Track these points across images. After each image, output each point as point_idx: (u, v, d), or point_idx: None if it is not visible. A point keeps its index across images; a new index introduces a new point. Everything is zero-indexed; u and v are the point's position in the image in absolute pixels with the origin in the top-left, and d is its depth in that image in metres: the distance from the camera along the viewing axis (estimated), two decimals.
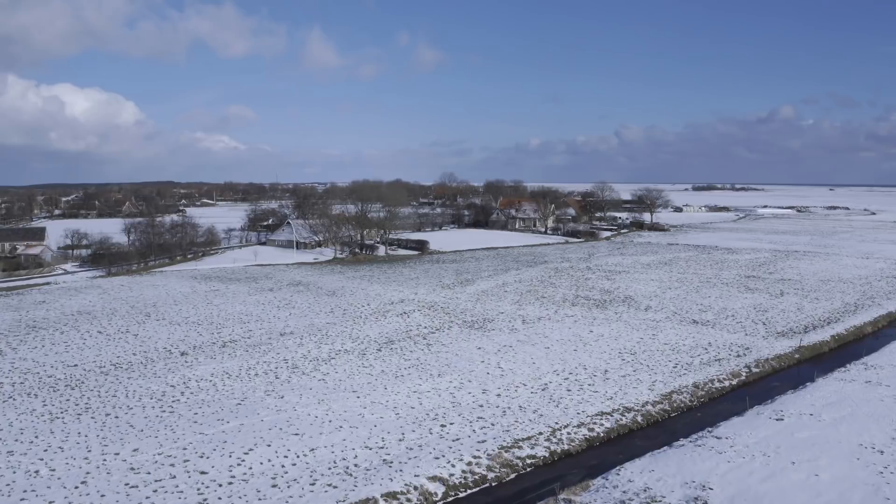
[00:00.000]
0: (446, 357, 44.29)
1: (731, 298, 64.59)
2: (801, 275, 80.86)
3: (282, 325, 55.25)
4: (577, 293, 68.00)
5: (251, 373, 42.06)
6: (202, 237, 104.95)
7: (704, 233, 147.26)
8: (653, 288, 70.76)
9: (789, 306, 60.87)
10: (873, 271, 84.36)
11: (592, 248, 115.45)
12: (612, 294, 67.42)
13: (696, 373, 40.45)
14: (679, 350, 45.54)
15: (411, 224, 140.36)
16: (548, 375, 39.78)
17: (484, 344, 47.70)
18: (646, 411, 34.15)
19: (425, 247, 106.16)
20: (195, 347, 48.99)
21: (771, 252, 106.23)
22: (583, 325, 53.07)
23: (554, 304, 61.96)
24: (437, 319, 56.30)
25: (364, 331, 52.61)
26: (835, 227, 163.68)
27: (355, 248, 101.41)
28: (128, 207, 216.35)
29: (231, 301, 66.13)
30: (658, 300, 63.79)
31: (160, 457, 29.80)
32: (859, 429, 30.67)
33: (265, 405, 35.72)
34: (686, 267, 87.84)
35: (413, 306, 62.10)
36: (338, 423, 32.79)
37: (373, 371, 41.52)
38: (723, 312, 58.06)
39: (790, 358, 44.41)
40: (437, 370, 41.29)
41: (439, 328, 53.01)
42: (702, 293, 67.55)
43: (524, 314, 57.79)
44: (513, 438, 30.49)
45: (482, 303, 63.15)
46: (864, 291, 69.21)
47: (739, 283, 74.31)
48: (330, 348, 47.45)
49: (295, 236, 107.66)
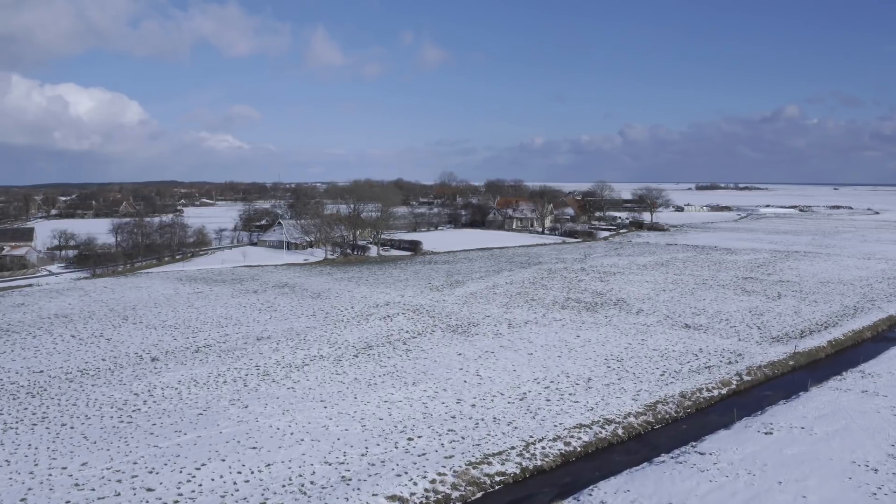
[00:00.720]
0: (424, 364, 42.57)
1: (727, 301, 62.63)
2: (801, 276, 78.78)
3: (260, 329, 53.64)
4: (568, 295, 66.15)
5: (220, 380, 40.41)
6: (192, 238, 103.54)
7: (704, 233, 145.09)
8: (646, 290, 68.84)
9: (786, 309, 58.86)
10: (874, 272, 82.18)
11: (589, 248, 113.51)
12: (604, 296, 65.54)
13: (684, 381, 38.59)
14: (668, 356, 43.67)
15: (406, 224, 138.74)
16: (528, 384, 38.00)
17: (465, 349, 45.95)
18: (627, 423, 32.33)
19: (418, 247, 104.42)
20: (167, 353, 47.41)
21: (771, 252, 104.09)
22: (570, 330, 51.25)
23: (543, 308, 60.15)
24: (421, 323, 54.58)
25: (344, 335, 50.92)
26: (837, 226, 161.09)
27: (346, 248, 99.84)
28: (125, 207, 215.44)
29: (213, 304, 64.56)
30: (651, 303, 61.88)
31: (108, 472, 28.14)
32: (853, 444, 28.79)
33: (227, 416, 34.06)
34: (683, 268, 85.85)
35: (398, 309, 60.39)
36: (300, 435, 31.11)
37: (345, 379, 39.81)
38: (717, 316, 56.14)
39: (784, 365, 42.49)
40: (413, 378, 39.56)
41: (422, 332, 51.28)
42: (696, 295, 65.59)
43: (511, 318, 56.02)
44: (483, 453, 28.73)
45: (469, 306, 61.39)
46: (865, 294, 67.10)
47: (736, 284, 72.31)
48: (305, 354, 45.79)
49: (286, 237, 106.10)
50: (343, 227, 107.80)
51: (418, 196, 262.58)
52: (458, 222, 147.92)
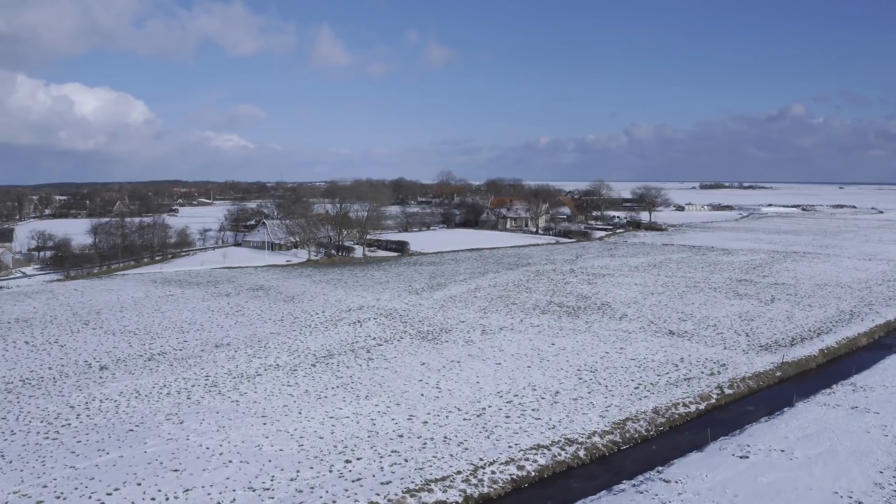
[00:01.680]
0: (383, 375, 39.91)
1: (717, 305, 59.66)
2: (797, 278, 75.63)
3: (221, 336, 51.09)
4: (550, 299, 63.34)
5: (163, 392, 37.89)
6: (173, 238, 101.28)
7: (703, 232, 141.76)
8: (634, 293, 65.92)
9: (778, 314, 55.83)
10: (874, 274, 78.92)
11: (582, 248, 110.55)
12: (589, 300, 62.68)
13: (660, 395, 35.77)
14: (646, 367, 40.85)
15: (398, 224, 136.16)
16: (489, 398, 35.29)
17: (431, 359, 43.23)
18: (591, 444, 29.59)
19: (405, 248, 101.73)
20: (118, 361, 44.92)
21: (769, 253, 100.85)
22: (546, 337, 48.45)
23: (522, 312, 57.36)
24: (391, 329, 51.95)
25: (307, 342, 48.33)
26: (839, 226, 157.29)
27: (330, 249, 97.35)
28: (119, 207, 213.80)
29: (181, 307, 62.14)
30: (636, 307, 58.98)
31: (14, 496, 25.62)
32: (837, 470, 25.94)
33: (158, 432, 31.52)
34: (675, 270, 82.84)
35: (370, 314, 57.75)
36: (229, 455, 28.50)
37: (295, 391, 37.21)
38: (704, 322, 53.20)
39: (770, 376, 39.56)
40: (367, 390, 36.90)
41: (389, 339, 48.63)
42: (685, 299, 62.63)
43: (486, 323, 53.29)
44: (424, 479, 26.03)
45: (445, 310, 58.67)
46: (863, 297, 63.94)
47: (729, 287, 69.28)
48: (261, 363, 43.20)
49: (270, 237, 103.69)
50: (329, 228, 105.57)
51: (417, 195, 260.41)
52: (451, 222, 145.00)
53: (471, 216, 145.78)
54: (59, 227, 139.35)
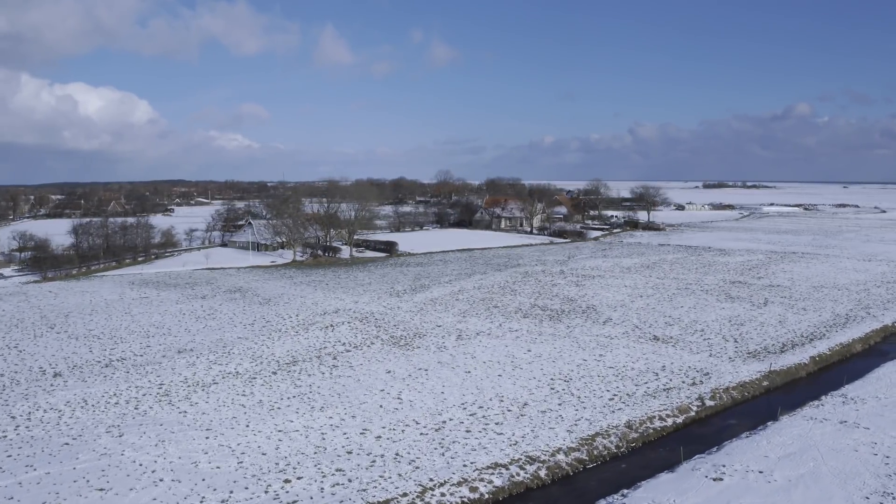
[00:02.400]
0: (344, 384, 37.80)
1: (706, 309, 57.33)
2: (793, 280, 73.19)
3: (187, 340, 49.12)
4: (535, 302, 61.10)
5: (111, 402, 35.86)
6: (157, 239, 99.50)
7: (702, 232, 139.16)
8: (622, 296, 63.63)
9: (770, 319, 53.45)
10: (874, 275, 76.35)
11: (576, 249, 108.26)
12: (575, 303, 60.45)
13: (636, 407, 33.54)
14: (624, 376, 38.63)
15: (389, 224, 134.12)
16: (451, 410, 33.14)
17: (398, 366, 41.12)
18: (554, 462, 27.43)
19: (393, 248, 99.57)
20: (74, 367, 42.96)
21: (766, 254, 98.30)
22: (523, 343, 46.22)
23: (503, 316, 55.16)
24: (363, 334, 49.87)
25: (273, 348, 46.30)
26: (840, 225, 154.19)
27: (316, 250, 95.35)
28: (113, 207, 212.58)
29: (152, 310, 60.22)
30: (622, 311, 56.72)
31: None
32: (819, 495, 23.65)
33: (94, 447, 29.47)
34: (668, 271, 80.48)
35: (345, 317, 55.68)
36: (162, 473, 26.45)
37: (249, 401, 35.15)
38: (691, 326, 50.90)
39: (756, 386, 37.26)
40: (323, 401, 34.81)
41: (359, 345, 46.55)
42: (675, 302, 60.29)
43: (463, 328, 51.13)
44: (365, 502, 23.99)
45: (424, 314, 56.55)
46: (860, 300, 61.47)
47: (721, 289, 66.88)
48: (220, 370, 41.17)
49: (256, 237, 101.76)
50: (317, 228, 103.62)
51: (415, 195, 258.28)
52: (444, 222, 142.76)
53: (465, 216, 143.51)
54: (50, 227, 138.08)
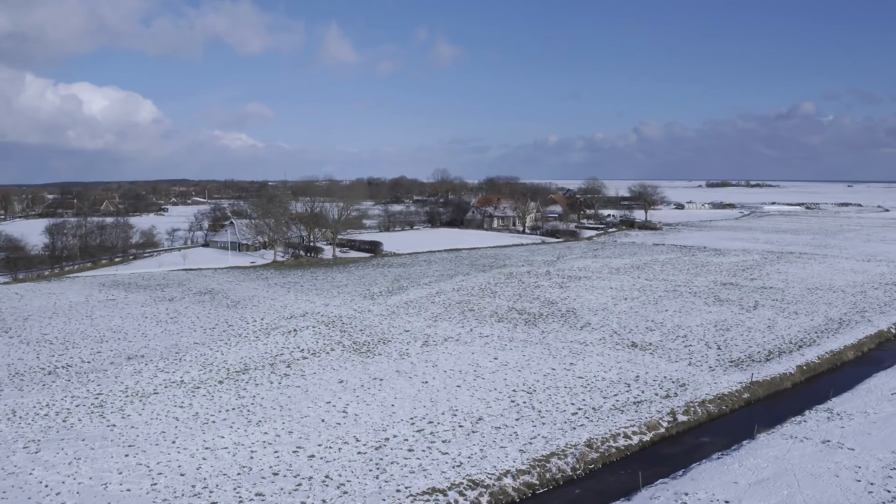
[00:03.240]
0: (291, 395, 35.21)
1: (692, 313, 54.45)
2: (787, 281, 70.19)
3: (140, 346, 46.62)
4: (513, 305, 58.37)
5: (40, 413, 33.34)
6: (136, 239, 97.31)
7: (699, 231, 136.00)
8: (605, 298, 60.85)
9: (758, 324, 50.58)
10: (871, 277, 73.21)
11: (567, 248, 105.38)
12: (555, 306, 57.70)
13: (600, 423, 30.82)
14: (593, 387, 35.89)
15: (379, 224, 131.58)
16: (398, 425, 30.55)
17: (353, 375, 38.47)
18: (499, 487, 24.77)
19: (378, 249, 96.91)
20: (16, 375, 40.51)
21: (763, 254, 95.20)
22: (491, 350, 43.42)
23: (476, 320, 52.43)
24: (326, 340, 47.29)
25: (227, 355, 43.70)
26: (842, 225, 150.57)
27: (298, 250, 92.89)
28: (106, 206, 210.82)
29: (114, 314, 57.80)
30: (603, 315, 53.94)
31: None
32: None
33: (4, 465, 26.71)
34: (658, 272, 77.58)
35: (312, 322, 53.12)
36: (67, 496, 23.69)
37: (185, 414, 32.63)
38: (674, 332, 48.06)
39: (736, 399, 34.43)
40: (263, 414, 32.24)
41: (318, 352, 43.96)
42: (660, 305, 57.43)
43: (432, 333, 48.46)
44: None
45: (394, 318, 53.92)
46: (856, 303, 58.46)
47: (711, 292, 63.97)
48: (165, 379, 38.68)
49: (237, 237, 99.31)
50: (302, 227, 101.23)
51: (413, 194, 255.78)
52: (436, 221, 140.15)
53: (457, 215, 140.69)
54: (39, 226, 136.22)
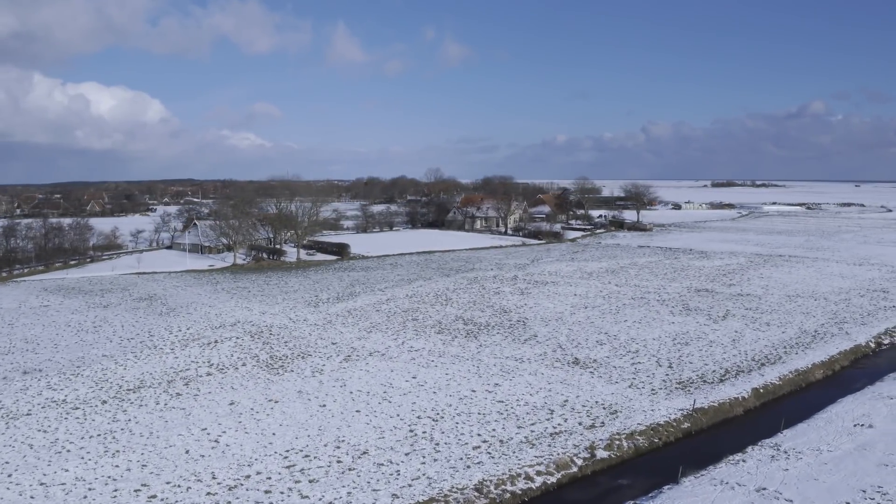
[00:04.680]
0: (169, 418, 31.11)
1: (653, 324, 49.90)
2: (768, 287, 65.47)
3: (45, 358, 42.68)
4: (462, 314, 53.98)
5: None
6: (96, 241, 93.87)
7: (690, 233, 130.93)
8: (564, 307, 56.40)
9: (723, 337, 46.04)
10: (860, 282, 68.27)
11: (546, 251, 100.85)
12: (506, 316, 53.33)
13: (503, 460, 26.50)
14: (510, 414, 31.58)
15: (356, 225, 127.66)
16: (268, 459, 26.40)
17: (248, 396, 34.16)
18: None
19: (345, 251, 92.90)
20: None
21: (750, 256, 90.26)
22: (414, 367, 38.84)
23: (414, 332, 48.07)
24: (242, 353, 43.22)
25: (128, 370, 39.67)
26: (840, 225, 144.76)
27: (259, 253, 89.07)
28: (92, 206, 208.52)
29: (39, 322, 53.90)
30: (555, 326, 49.49)
31: None
32: None
33: None
34: (632, 277, 72.95)
35: (238, 332, 49.01)
36: None
37: (43, 440, 28.32)
38: (626, 346, 43.52)
39: (673, 430, 30.02)
40: (126, 442, 28.14)
41: (226, 367, 39.91)
42: (620, 315, 52.95)
43: (359, 347, 44.26)
44: None
45: (328, 329, 49.74)
46: (836, 313, 53.68)
47: (681, 300, 59.31)
48: (49, 397, 34.54)
49: (200, 239, 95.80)
50: (269, 229, 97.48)
51: (407, 194, 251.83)
52: (416, 222, 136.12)
53: (440, 216, 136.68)
54: None
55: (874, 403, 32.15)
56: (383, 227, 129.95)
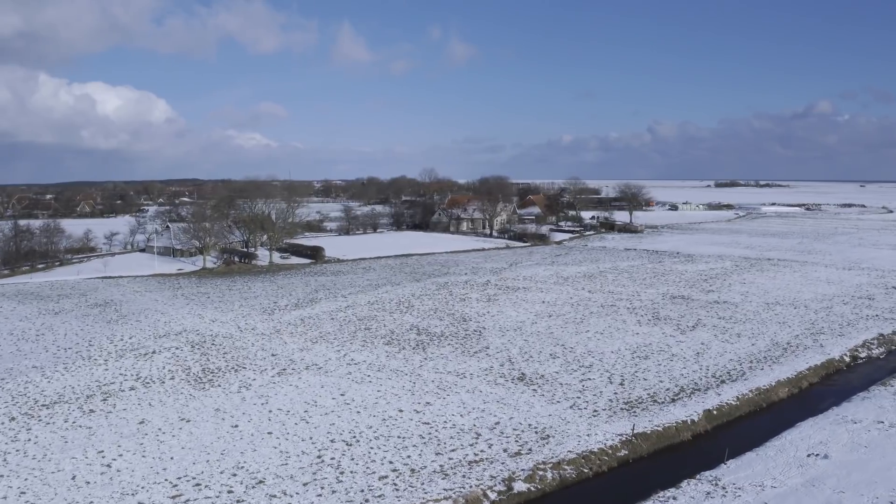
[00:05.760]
0: (71, 438, 28.59)
1: (615, 335, 47.24)
2: (748, 294, 62.72)
3: None
4: (418, 323, 51.45)
5: None
6: (67, 243, 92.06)
7: (682, 234, 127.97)
8: (527, 315, 53.82)
9: (686, 350, 43.34)
10: (846, 288, 65.39)
11: (528, 254, 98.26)
12: (465, 325, 50.77)
13: (407, 494, 23.86)
14: (432, 438, 29.15)
15: (339, 227, 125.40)
16: (156, 488, 23.78)
17: (160, 415, 31.62)
18: None
19: (319, 254, 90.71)
20: None
21: (736, 260, 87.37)
22: (348, 382, 36.15)
23: (361, 343, 45.38)
24: (176, 365, 40.93)
25: (53, 383, 37.30)
26: (837, 227, 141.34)
27: (232, 256, 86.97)
28: (83, 207, 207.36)
29: None
30: (512, 336, 46.92)
31: None
32: None
33: None
34: (609, 282, 70.26)
35: (180, 342, 46.67)
36: None
37: None
38: (579, 361, 40.90)
39: (607, 459, 27.45)
40: (16, 465, 25.64)
41: (153, 381, 37.62)
42: (583, 325, 50.35)
43: (298, 359, 41.81)
44: None
45: (273, 338, 47.28)
46: (814, 322, 50.92)
47: (653, 307, 56.64)
48: None
49: (173, 242, 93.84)
50: (243, 231, 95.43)
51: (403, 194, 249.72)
52: (401, 224, 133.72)
53: (426, 217, 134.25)
54: None
55: (835, 429, 29.55)
56: (367, 228, 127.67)
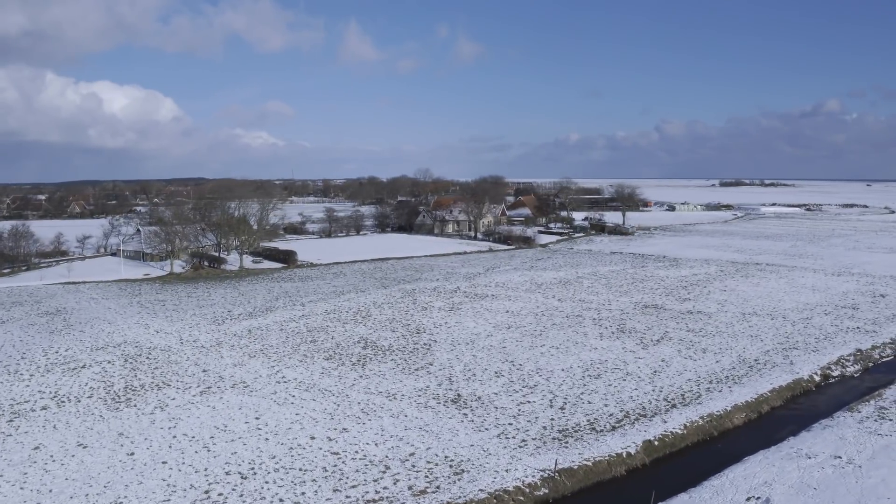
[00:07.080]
0: None
1: (572, 350, 44.35)
2: (725, 303, 59.69)
3: None
4: (369, 335, 48.74)
5: None
6: (47, 247, 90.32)
7: (672, 237, 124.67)
8: (485, 327, 51.03)
9: (643, 368, 40.60)
10: (831, 297, 62.28)
11: (509, 258, 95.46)
12: (417, 337, 48.13)
13: None
14: (337, 470, 26.33)
15: (321, 230, 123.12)
16: None
17: (57, 441, 28.99)
18: None
19: (291, 258, 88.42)
20: None
21: (723, 265, 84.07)
22: (265, 404, 33.63)
23: (300, 357, 42.62)
24: (99, 382, 38.35)
25: None
26: (834, 229, 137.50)
27: (201, 260, 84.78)
28: (73, 208, 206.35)
29: None
30: (460, 351, 44.14)
31: None
32: None
33: None
34: (583, 289, 67.37)
35: (114, 355, 44.27)
36: None
37: None
38: (524, 380, 37.93)
39: (523, 500, 24.37)
40: None
41: (70, 400, 35.18)
42: (541, 338, 47.46)
43: (228, 375, 39.35)
44: None
45: (209, 352, 44.62)
46: (789, 335, 47.93)
47: (621, 318, 53.77)
48: None
49: (143, 246, 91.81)
50: (217, 234, 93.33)
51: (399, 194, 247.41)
52: (385, 226, 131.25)
53: (410, 219, 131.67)
54: None
55: (784, 465, 26.76)
56: (350, 231, 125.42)
